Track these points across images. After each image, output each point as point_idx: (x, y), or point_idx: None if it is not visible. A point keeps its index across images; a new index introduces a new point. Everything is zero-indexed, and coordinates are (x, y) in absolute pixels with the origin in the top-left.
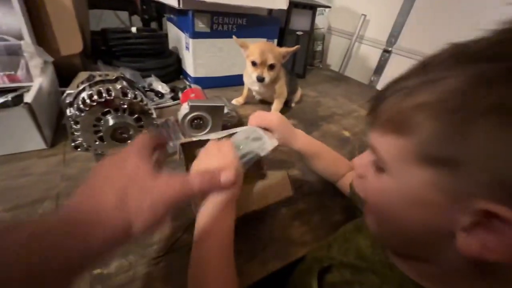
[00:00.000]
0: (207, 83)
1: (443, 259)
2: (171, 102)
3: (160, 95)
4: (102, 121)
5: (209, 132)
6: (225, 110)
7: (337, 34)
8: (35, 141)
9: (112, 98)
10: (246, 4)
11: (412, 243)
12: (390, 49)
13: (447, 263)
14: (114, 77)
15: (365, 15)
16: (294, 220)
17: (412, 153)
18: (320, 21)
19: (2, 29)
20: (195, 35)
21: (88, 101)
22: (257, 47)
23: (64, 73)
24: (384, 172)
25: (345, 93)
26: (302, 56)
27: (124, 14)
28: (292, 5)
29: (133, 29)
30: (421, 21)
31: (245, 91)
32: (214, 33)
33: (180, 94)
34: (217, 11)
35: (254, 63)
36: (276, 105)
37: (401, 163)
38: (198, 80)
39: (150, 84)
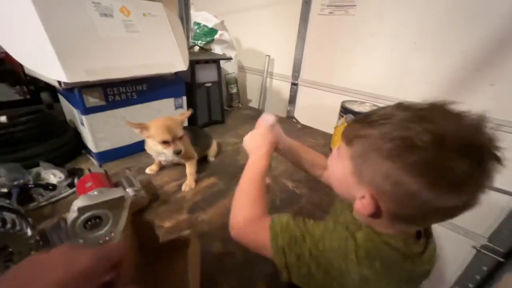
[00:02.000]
0: (114, 155)
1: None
2: (67, 192)
3: (51, 187)
4: None
5: (111, 228)
6: (131, 193)
7: (251, 73)
8: None
9: None
10: (140, 74)
11: (348, 199)
12: (296, 82)
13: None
14: None
15: (269, 56)
16: None
17: (349, 154)
18: (230, 66)
19: None
20: (88, 111)
21: None
22: (161, 127)
23: None
24: (339, 163)
25: None
26: (217, 103)
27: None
28: (194, 63)
29: (2, 119)
30: (314, 57)
31: (157, 159)
32: (110, 105)
33: (76, 181)
34: (109, 83)
35: (165, 142)
36: (189, 168)
37: (345, 158)
38: (102, 155)
39: (38, 175)
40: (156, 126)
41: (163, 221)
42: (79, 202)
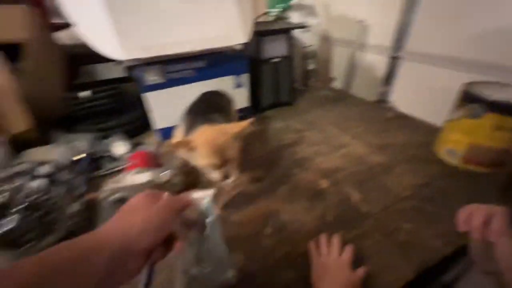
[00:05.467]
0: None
1: None
2: (125, 165)
3: (114, 158)
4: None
5: None
6: (165, 177)
7: (339, 45)
8: None
9: (5, 200)
10: (194, 49)
11: None
12: (397, 55)
13: None
14: (23, 169)
15: (362, 21)
16: None
17: None
18: (309, 37)
19: None
20: (148, 88)
21: None
22: (210, 149)
23: (23, 147)
24: None
25: (339, 120)
26: (285, 82)
27: None
28: (259, 35)
29: (84, 94)
30: (432, 18)
31: None
32: (169, 83)
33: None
34: (168, 59)
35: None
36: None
37: None
38: (163, 132)
39: (108, 146)
40: (204, 146)
41: None
42: (107, 184)
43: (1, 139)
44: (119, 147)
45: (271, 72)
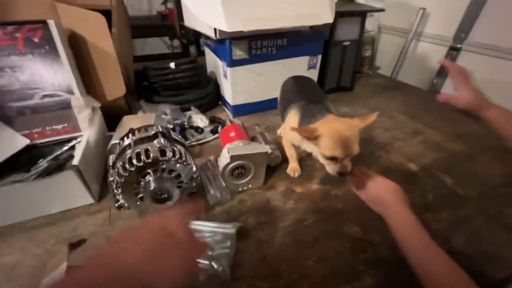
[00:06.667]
0: (246, 109)
1: None
2: (211, 137)
3: (200, 130)
4: (142, 183)
5: (251, 179)
6: (269, 150)
7: (390, 33)
8: (84, 198)
9: (150, 161)
10: (288, 25)
11: None
12: (459, 46)
13: None
14: (153, 133)
15: (424, 9)
16: None
17: None
18: (370, 23)
19: (55, 85)
20: (233, 63)
21: (127, 166)
22: (336, 141)
23: (111, 115)
24: None
25: (404, 107)
26: (349, 67)
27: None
28: (338, 15)
29: (172, 65)
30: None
31: (292, 153)
32: (252, 59)
33: (219, 129)
34: (255, 35)
35: (333, 158)
36: None
37: None
38: (236, 108)
39: (190, 118)
40: (329, 137)
41: (294, 185)
42: (233, 150)
43: (97, 104)
44: (201, 120)
45: (339, 56)
